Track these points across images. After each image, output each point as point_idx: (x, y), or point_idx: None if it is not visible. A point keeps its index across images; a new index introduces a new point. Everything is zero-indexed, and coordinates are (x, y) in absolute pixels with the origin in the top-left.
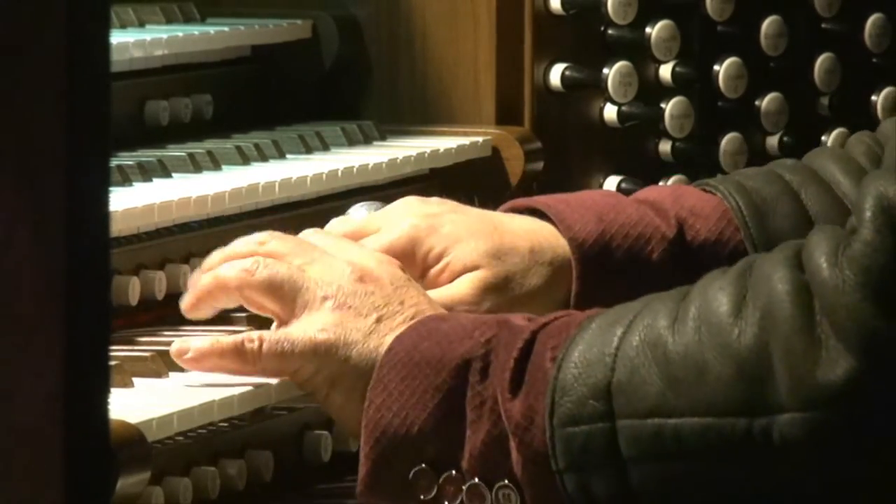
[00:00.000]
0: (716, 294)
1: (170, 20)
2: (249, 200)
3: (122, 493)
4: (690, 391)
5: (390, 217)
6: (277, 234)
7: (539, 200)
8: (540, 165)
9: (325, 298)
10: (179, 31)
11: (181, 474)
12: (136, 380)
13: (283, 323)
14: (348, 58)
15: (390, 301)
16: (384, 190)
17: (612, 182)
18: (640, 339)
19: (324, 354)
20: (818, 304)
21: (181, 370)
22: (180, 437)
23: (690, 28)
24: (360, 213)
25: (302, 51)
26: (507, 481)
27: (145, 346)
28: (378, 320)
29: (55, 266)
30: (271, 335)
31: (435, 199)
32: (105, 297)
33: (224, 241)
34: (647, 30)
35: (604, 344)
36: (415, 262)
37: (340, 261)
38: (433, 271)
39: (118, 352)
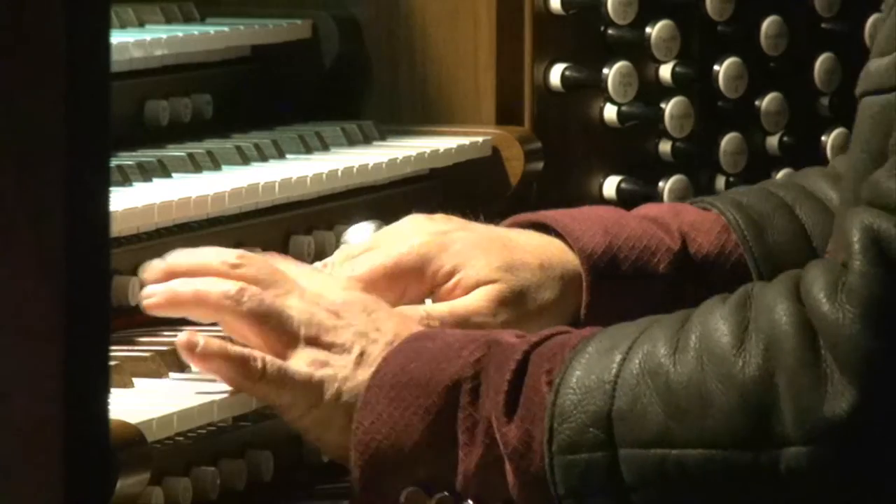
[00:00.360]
0: (717, 324)
1: (170, 20)
2: (249, 200)
3: (122, 493)
4: (694, 422)
5: (398, 235)
6: (248, 255)
7: (544, 215)
8: (540, 165)
9: (307, 339)
10: (179, 31)
11: (181, 474)
12: (136, 380)
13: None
14: (348, 58)
15: (368, 330)
16: (384, 190)
17: (612, 182)
18: (640, 366)
19: (317, 393)
20: (822, 339)
21: (181, 370)
22: (180, 437)
23: (690, 28)
24: (358, 234)
25: (302, 51)
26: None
27: (145, 346)
28: (361, 352)
29: (55, 266)
30: (274, 361)
31: (441, 217)
32: (105, 297)
33: (224, 241)
34: (647, 30)
35: (602, 370)
36: (424, 279)
37: (312, 294)
38: (444, 289)
39: (118, 352)
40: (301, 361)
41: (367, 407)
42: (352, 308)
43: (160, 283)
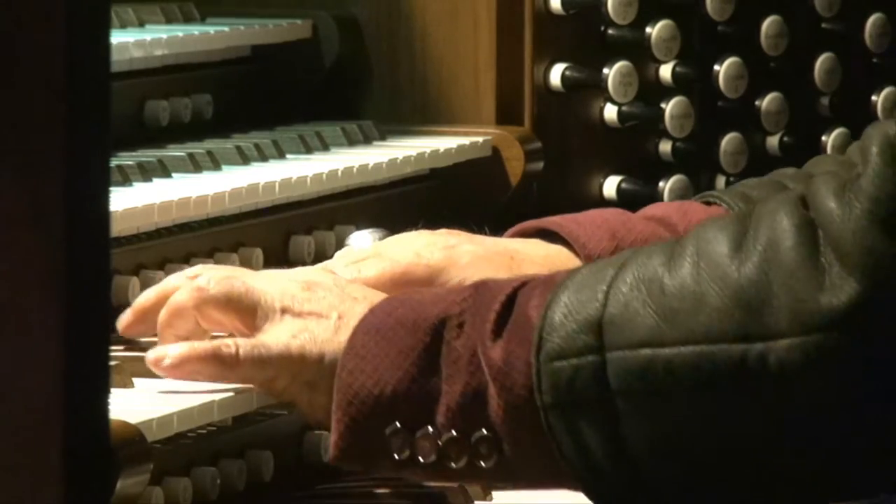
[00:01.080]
0: (715, 234)
1: (170, 20)
2: (249, 200)
3: (122, 493)
4: (686, 321)
5: (406, 245)
6: (208, 265)
7: (549, 221)
8: (540, 165)
9: (283, 310)
10: (179, 31)
11: (181, 474)
12: (136, 380)
13: (245, 336)
14: (348, 58)
15: (344, 299)
16: (384, 190)
17: (612, 182)
18: (633, 276)
19: (298, 358)
20: (823, 235)
21: None
22: (180, 437)
23: (690, 28)
24: (362, 241)
25: (302, 51)
26: (485, 431)
27: (145, 346)
28: (340, 317)
29: (55, 266)
30: (247, 341)
31: (445, 231)
32: (105, 297)
33: (224, 241)
34: (647, 30)
35: (595, 283)
36: None
37: (279, 277)
38: None
39: (118, 352)
40: (278, 333)
41: (351, 350)
42: (323, 282)
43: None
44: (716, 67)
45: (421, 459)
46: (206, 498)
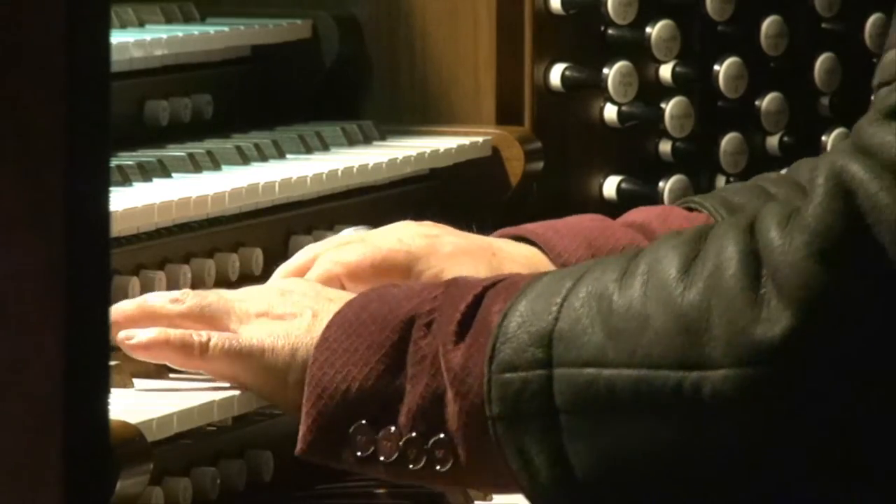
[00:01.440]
0: (667, 252)
1: (170, 20)
2: (249, 200)
3: (122, 493)
4: (629, 343)
5: (389, 233)
6: (187, 291)
7: (527, 228)
8: (540, 165)
9: (259, 314)
10: (179, 31)
11: (181, 474)
12: (136, 380)
13: None
14: (348, 58)
15: (319, 300)
16: (384, 190)
17: (612, 182)
18: (587, 290)
19: (271, 352)
20: (765, 267)
21: (181, 370)
22: (180, 437)
23: (690, 28)
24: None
25: (302, 51)
26: (442, 435)
27: None
28: (314, 315)
29: (55, 266)
30: (221, 333)
31: (430, 223)
32: (105, 297)
33: (224, 241)
34: (647, 30)
35: (551, 294)
36: (409, 278)
37: (255, 289)
38: None
39: (118, 352)
40: (252, 330)
41: (323, 344)
42: (299, 287)
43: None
44: (716, 67)
45: (382, 458)
46: (206, 498)
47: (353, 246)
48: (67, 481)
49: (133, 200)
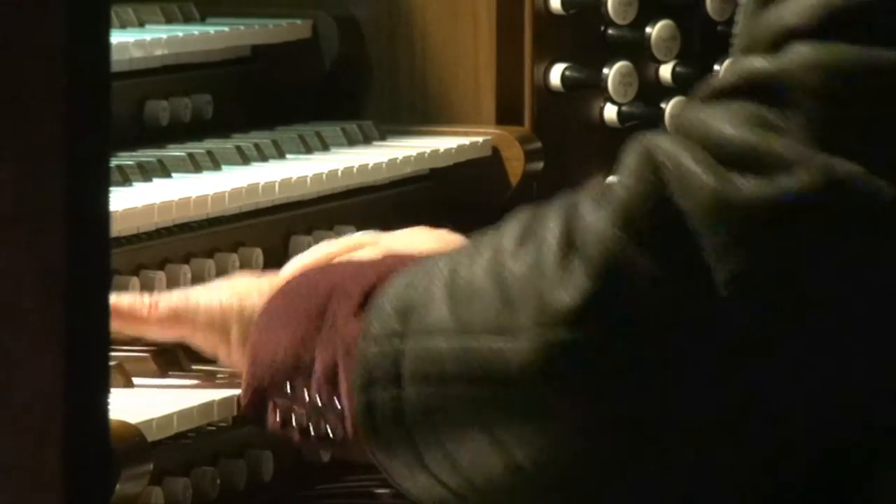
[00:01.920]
0: (509, 227)
1: (170, 20)
2: (249, 200)
3: (122, 493)
4: (463, 313)
5: (405, 238)
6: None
7: None
8: (540, 165)
9: (218, 286)
10: (179, 31)
11: (181, 474)
12: (136, 380)
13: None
14: (348, 58)
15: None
16: (384, 190)
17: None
18: (446, 263)
19: (219, 311)
20: (577, 238)
21: (181, 370)
22: (180, 437)
23: (690, 28)
24: None
25: (302, 51)
26: (338, 405)
27: (145, 346)
28: (269, 283)
29: (55, 266)
30: (171, 296)
31: (445, 231)
32: (105, 297)
33: (224, 241)
34: (647, 30)
35: (423, 269)
36: None
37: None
38: None
39: (118, 352)
40: (201, 291)
41: (265, 310)
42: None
43: None
44: (716, 67)
45: (293, 425)
46: (206, 498)
47: (367, 250)
48: (67, 481)
49: (133, 200)
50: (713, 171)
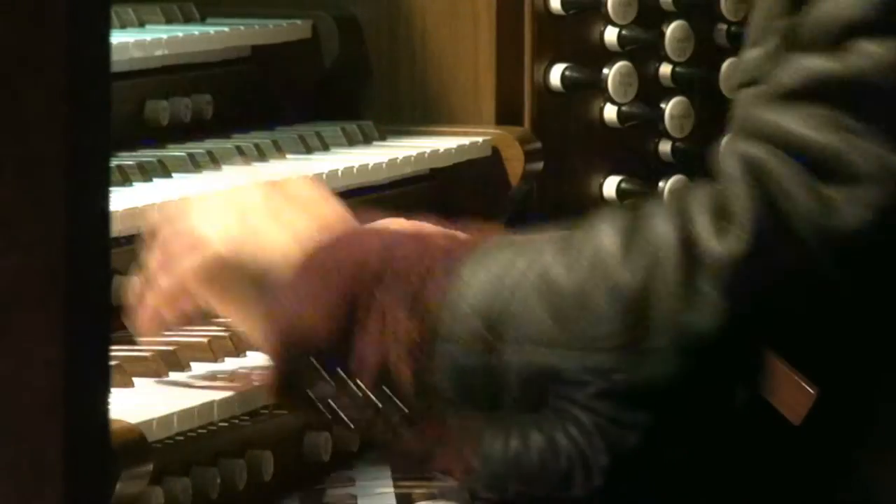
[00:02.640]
0: (607, 231)
1: (170, 20)
2: None
3: (122, 493)
4: (570, 323)
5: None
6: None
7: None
8: (540, 165)
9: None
10: (179, 31)
11: (181, 474)
12: (136, 380)
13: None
14: (348, 58)
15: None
16: (384, 190)
17: (612, 182)
18: (529, 266)
19: (226, 266)
20: (704, 256)
21: (181, 370)
22: (180, 437)
23: (699, 28)
24: None
25: (302, 51)
26: (393, 399)
27: (145, 346)
28: (282, 225)
29: (55, 266)
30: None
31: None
32: (105, 297)
33: None
34: (648, 30)
35: (497, 266)
36: None
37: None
38: None
39: (118, 352)
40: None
41: (291, 285)
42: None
43: None
44: (724, 66)
45: (327, 406)
46: (206, 498)
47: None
48: (67, 481)
49: (133, 200)
50: (811, 192)
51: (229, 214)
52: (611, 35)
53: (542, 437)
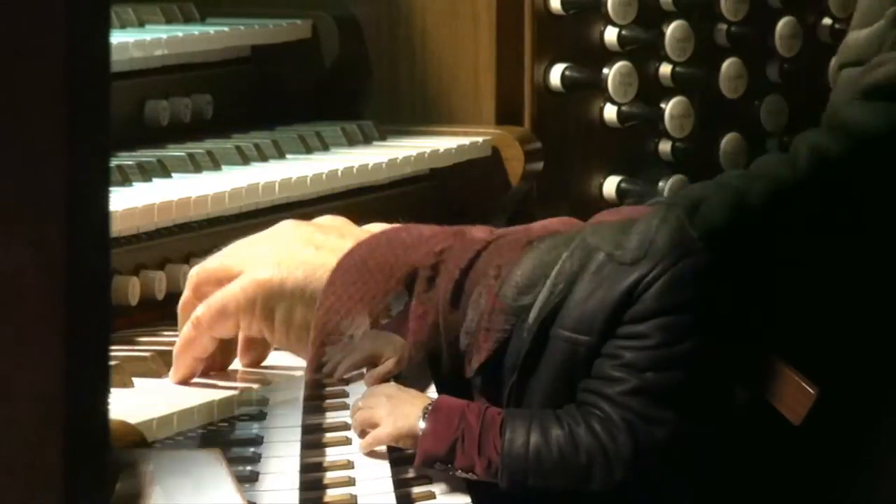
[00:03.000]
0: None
1: (170, 20)
2: (249, 200)
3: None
4: None
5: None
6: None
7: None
8: (540, 165)
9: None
10: (179, 31)
11: None
12: (136, 380)
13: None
14: (348, 58)
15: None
16: (384, 190)
17: (612, 182)
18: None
19: (277, 287)
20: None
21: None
22: (180, 437)
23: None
24: None
25: (302, 51)
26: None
27: (145, 346)
28: (318, 248)
29: (55, 266)
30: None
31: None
32: (105, 297)
33: (224, 241)
34: (648, 30)
35: (545, 266)
36: None
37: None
38: None
39: (118, 352)
40: (253, 268)
41: (330, 287)
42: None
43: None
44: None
45: None
46: None
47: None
48: (67, 481)
49: (133, 200)
50: None
51: (261, 246)
52: (611, 35)
53: (563, 431)
